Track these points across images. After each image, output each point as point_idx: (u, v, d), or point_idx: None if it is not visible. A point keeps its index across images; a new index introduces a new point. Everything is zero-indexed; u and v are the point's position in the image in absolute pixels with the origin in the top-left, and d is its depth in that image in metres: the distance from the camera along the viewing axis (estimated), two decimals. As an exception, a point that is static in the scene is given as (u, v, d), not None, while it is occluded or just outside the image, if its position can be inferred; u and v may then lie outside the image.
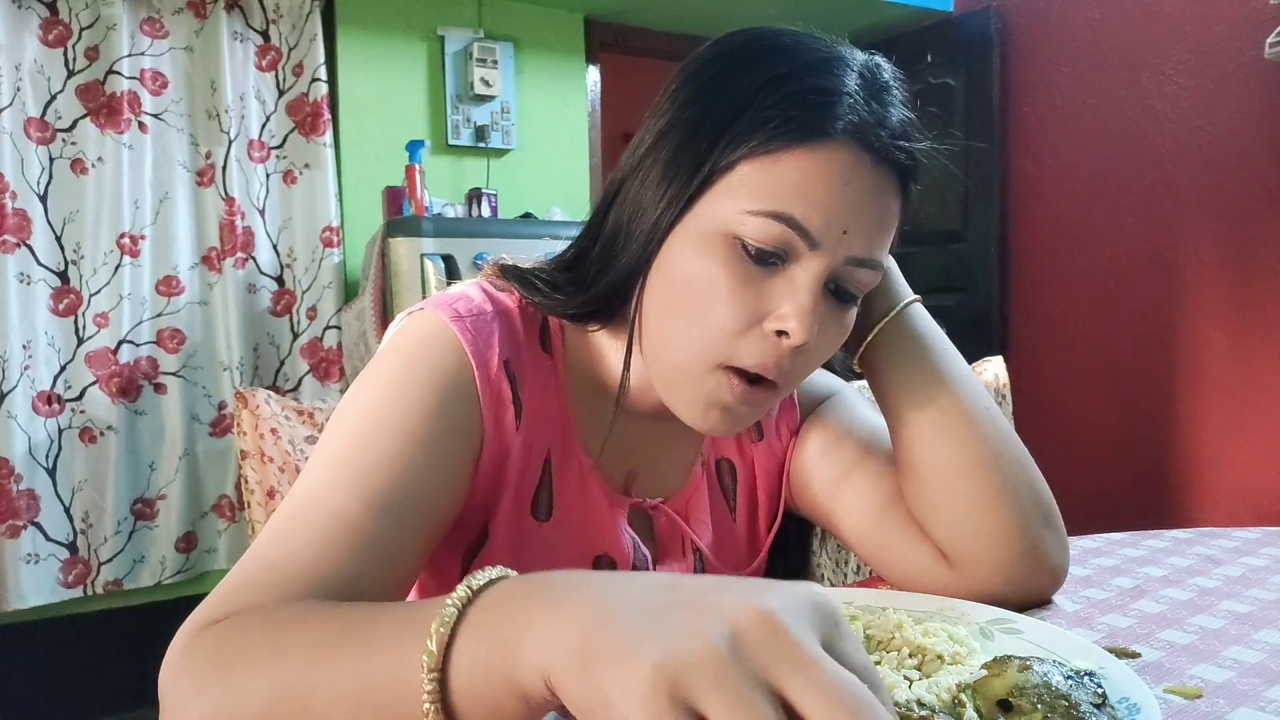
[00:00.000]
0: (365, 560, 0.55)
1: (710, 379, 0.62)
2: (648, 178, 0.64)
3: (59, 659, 2.64)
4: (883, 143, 0.61)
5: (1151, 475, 2.99)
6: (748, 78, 0.61)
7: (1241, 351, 2.76)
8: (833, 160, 0.59)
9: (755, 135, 0.59)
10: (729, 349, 0.61)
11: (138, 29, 2.69)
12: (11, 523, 2.50)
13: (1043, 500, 0.73)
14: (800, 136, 0.59)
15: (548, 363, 0.70)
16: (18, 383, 2.52)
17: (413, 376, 0.62)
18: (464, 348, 0.64)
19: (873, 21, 3.61)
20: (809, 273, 0.60)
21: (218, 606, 0.51)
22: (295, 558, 0.53)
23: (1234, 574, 0.78)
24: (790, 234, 0.59)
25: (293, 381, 2.93)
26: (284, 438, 1.05)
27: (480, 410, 0.64)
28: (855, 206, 0.60)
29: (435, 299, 0.68)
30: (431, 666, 0.38)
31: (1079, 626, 0.66)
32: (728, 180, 0.60)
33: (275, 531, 0.56)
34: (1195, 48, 2.81)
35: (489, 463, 0.66)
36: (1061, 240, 3.22)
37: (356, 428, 0.60)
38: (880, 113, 0.61)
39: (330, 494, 0.57)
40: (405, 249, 2.61)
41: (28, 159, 2.55)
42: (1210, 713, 0.52)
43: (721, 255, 0.60)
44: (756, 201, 0.59)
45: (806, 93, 0.60)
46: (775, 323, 0.60)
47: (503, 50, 3.20)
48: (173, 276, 2.76)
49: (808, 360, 0.64)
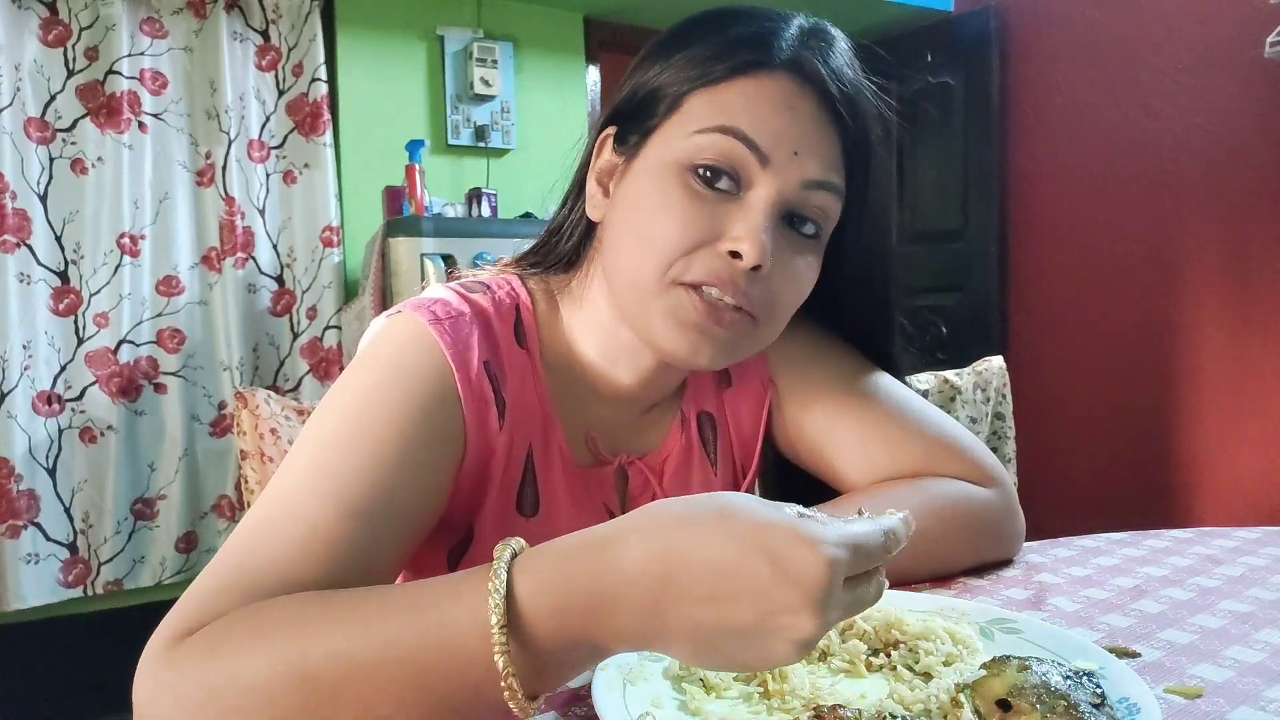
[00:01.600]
0: (340, 569, 0.53)
1: (668, 295, 0.64)
2: (609, 129, 0.70)
3: (59, 659, 2.64)
4: (821, 78, 0.64)
5: (1151, 474, 2.99)
6: (696, 32, 0.67)
7: (1240, 350, 2.76)
8: (775, 86, 0.63)
9: (699, 70, 0.64)
10: (682, 266, 0.63)
11: (137, 29, 2.69)
12: (11, 523, 2.50)
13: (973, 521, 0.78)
14: (742, 67, 0.63)
15: (524, 357, 0.71)
16: (18, 383, 2.52)
17: (393, 381, 0.62)
18: (444, 351, 0.64)
19: (873, 21, 3.61)
20: (762, 195, 0.63)
21: (191, 615, 0.49)
22: (270, 566, 0.52)
23: (1234, 573, 0.78)
24: (739, 147, 0.62)
25: (293, 381, 2.93)
26: (284, 438, 1.05)
27: (463, 414, 0.64)
28: (804, 129, 0.63)
29: (412, 302, 0.68)
30: (500, 620, 0.42)
31: (1079, 626, 0.66)
32: (678, 115, 0.64)
33: (248, 537, 0.54)
34: (1195, 47, 2.81)
35: (473, 464, 0.66)
36: (1061, 239, 3.22)
37: (334, 432, 0.59)
38: (821, 50, 0.65)
39: (306, 500, 0.55)
40: (405, 249, 2.61)
41: (28, 159, 2.55)
42: (1210, 712, 0.52)
43: (675, 180, 0.63)
44: (704, 121, 0.63)
45: (748, 33, 0.65)
46: (728, 244, 0.62)
47: (502, 50, 3.20)
48: (173, 276, 2.76)
49: (773, 290, 0.65)
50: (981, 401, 1.39)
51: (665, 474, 0.78)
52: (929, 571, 0.75)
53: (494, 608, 0.43)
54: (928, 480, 0.76)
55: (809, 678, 0.54)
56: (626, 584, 0.43)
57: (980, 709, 0.48)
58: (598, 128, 0.72)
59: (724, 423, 0.82)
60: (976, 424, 1.38)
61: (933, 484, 0.76)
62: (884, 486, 0.76)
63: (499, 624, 0.43)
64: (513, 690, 0.43)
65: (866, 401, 0.78)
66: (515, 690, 0.43)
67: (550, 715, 0.54)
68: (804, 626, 0.41)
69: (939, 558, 0.75)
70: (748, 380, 0.82)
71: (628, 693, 0.51)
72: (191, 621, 0.49)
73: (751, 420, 0.82)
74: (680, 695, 0.53)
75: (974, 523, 0.77)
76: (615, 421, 0.76)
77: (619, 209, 0.68)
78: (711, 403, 0.82)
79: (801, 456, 0.81)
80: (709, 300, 0.63)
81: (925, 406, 0.81)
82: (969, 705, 0.48)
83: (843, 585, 0.42)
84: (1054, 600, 0.72)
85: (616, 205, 0.68)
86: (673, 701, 0.52)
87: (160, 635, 0.49)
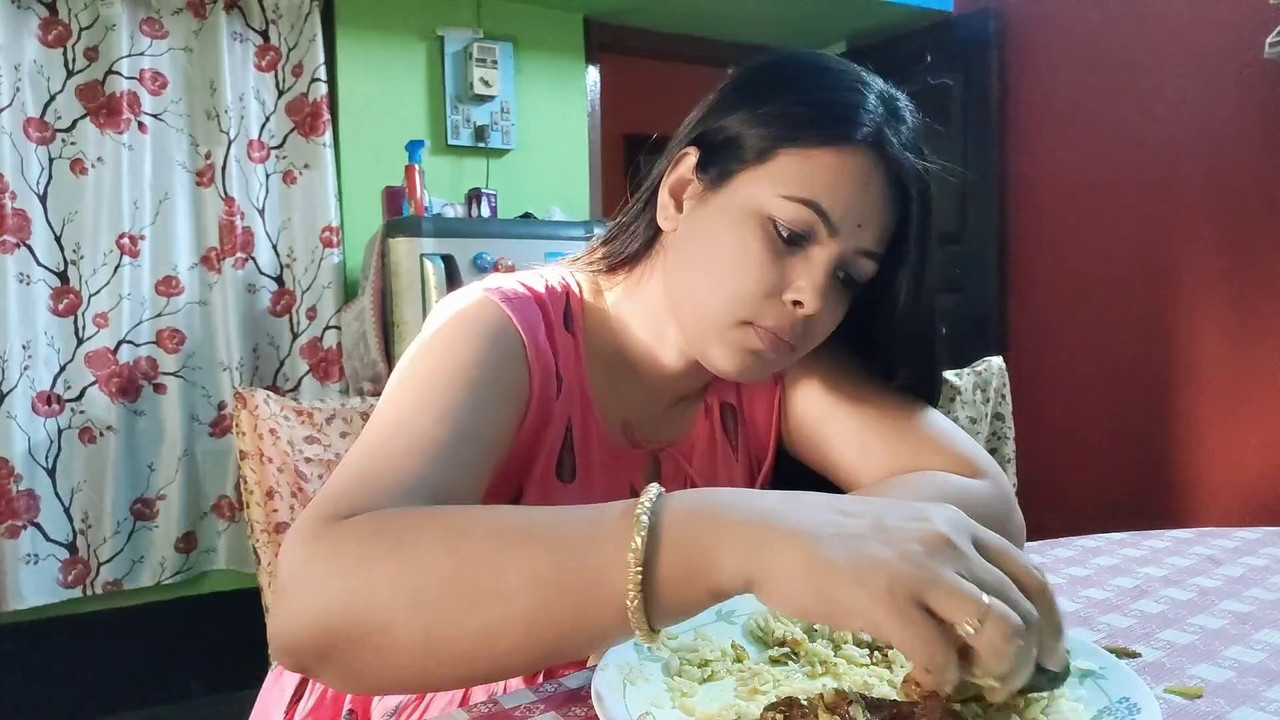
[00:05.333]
0: (450, 478, 0.60)
1: (736, 331, 0.72)
2: (693, 154, 0.76)
3: (59, 659, 2.64)
4: (896, 154, 0.71)
5: (1150, 475, 2.99)
6: (789, 84, 0.74)
7: (1239, 351, 2.76)
8: (857, 164, 0.70)
9: (790, 130, 0.71)
10: (753, 310, 0.71)
11: (137, 29, 2.69)
12: (11, 523, 2.50)
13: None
14: (830, 138, 0.70)
15: (570, 341, 0.79)
16: (17, 383, 2.51)
17: (477, 335, 0.70)
18: (515, 324, 0.72)
19: (872, 21, 3.61)
20: (825, 256, 0.71)
21: (333, 504, 0.55)
22: (396, 470, 0.59)
23: (1234, 574, 0.78)
24: (816, 219, 0.70)
25: (292, 382, 2.93)
26: (283, 438, 1.05)
27: (530, 377, 0.72)
28: (872, 205, 0.71)
29: (476, 285, 0.76)
30: (637, 562, 0.46)
31: (1079, 626, 0.66)
32: (766, 167, 0.71)
33: (377, 446, 0.61)
34: (1194, 48, 2.81)
35: (532, 425, 0.73)
36: (1060, 240, 3.22)
37: (432, 370, 0.67)
38: (896, 128, 0.72)
39: (419, 418, 0.63)
40: (405, 249, 2.61)
41: (27, 159, 2.55)
42: (1210, 713, 0.52)
43: (756, 231, 0.71)
44: (791, 189, 0.70)
45: (836, 102, 0.71)
46: (793, 294, 0.71)
47: (502, 50, 3.20)
48: (172, 277, 2.75)
49: (814, 330, 0.74)
50: (981, 402, 1.40)
51: (694, 460, 0.85)
52: None
53: (635, 548, 0.46)
54: (916, 474, 0.77)
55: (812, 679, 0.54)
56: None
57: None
58: (678, 143, 0.78)
59: (743, 414, 0.88)
60: (976, 424, 1.38)
61: (920, 476, 0.77)
62: (876, 485, 0.77)
63: (636, 559, 0.46)
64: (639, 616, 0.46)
65: (865, 398, 0.81)
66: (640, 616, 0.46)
67: (550, 715, 0.54)
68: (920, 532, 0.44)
69: None
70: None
71: (628, 693, 0.52)
72: (337, 508, 0.54)
73: (765, 413, 0.88)
74: (677, 690, 0.53)
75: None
76: (646, 410, 0.83)
77: (696, 234, 0.75)
78: (732, 394, 0.88)
79: (802, 451, 0.86)
80: (772, 335, 0.72)
81: (920, 405, 0.83)
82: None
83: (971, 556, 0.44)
84: (1054, 600, 0.72)
85: (693, 228, 0.75)
86: (673, 702, 0.53)
87: (309, 518, 0.54)
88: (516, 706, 0.56)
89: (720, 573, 0.46)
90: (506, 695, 0.58)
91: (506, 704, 0.56)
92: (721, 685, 0.55)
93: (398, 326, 2.63)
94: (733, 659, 0.58)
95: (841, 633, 0.60)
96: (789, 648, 0.60)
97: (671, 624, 0.48)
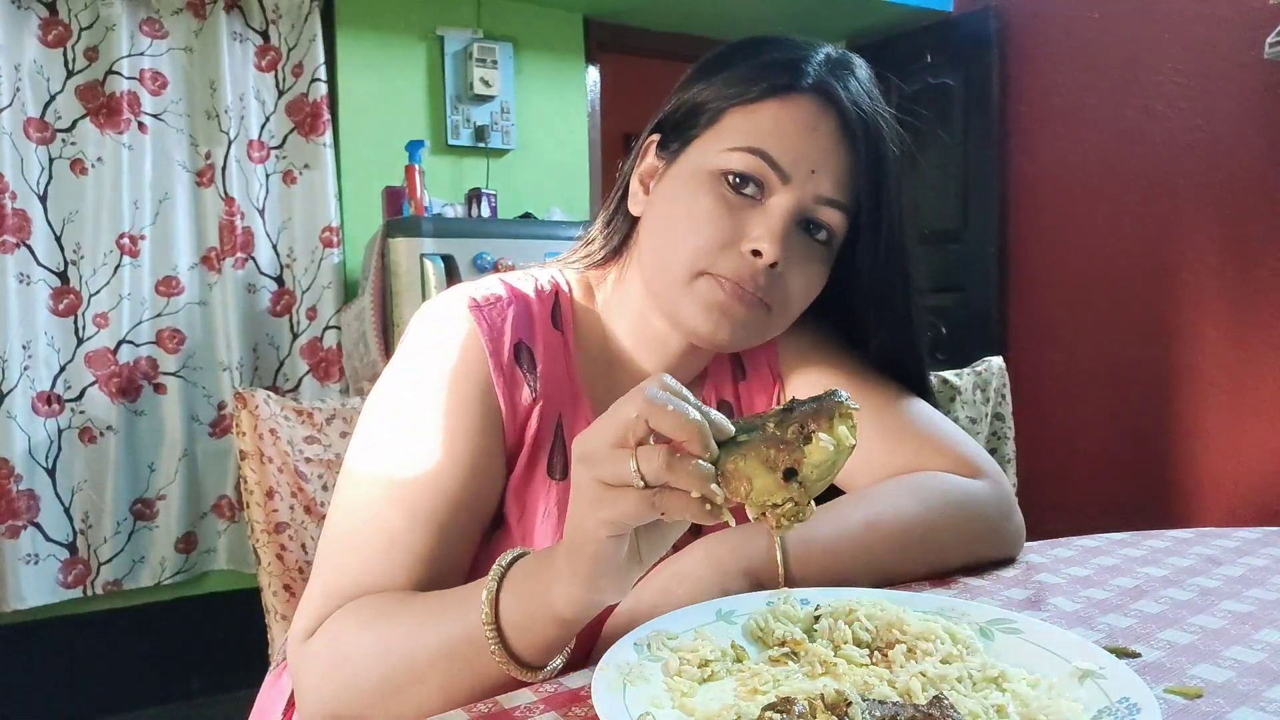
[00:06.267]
0: (419, 571, 0.67)
1: (698, 284, 0.73)
2: (654, 136, 0.79)
3: (59, 659, 2.64)
4: (844, 101, 0.72)
5: (1151, 475, 2.99)
6: (737, 55, 0.77)
7: (1240, 350, 2.76)
8: (801, 108, 0.72)
9: (737, 89, 0.73)
10: (709, 260, 0.72)
11: (137, 29, 2.69)
12: (11, 523, 2.50)
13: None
14: (774, 90, 0.72)
15: (558, 338, 0.79)
16: (17, 383, 2.51)
17: (440, 379, 0.72)
18: (480, 336, 0.73)
19: (872, 21, 3.61)
20: (780, 204, 0.72)
21: (309, 618, 0.66)
22: (361, 576, 0.66)
23: (1234, 574, 0.78)
24: (763, 165, 0.71)
25: (292, 382, 2.93)
26: (283, 438, 1.05)
27: (498, 399, 0.73)
28: (823, 150, 0.72)
29: (459, 287, 0.78)
30: (489, 619, 0.57)
31: (1079, 626, 0.66)
32: (715, 129, 0.74)
33: (340, 548, 0.68)
34: (1194, 47, 2.81)
35: (511, 435, 0.75)
36: (1060, 240, 3.22)
37: (398, 440, 0.70)
38: (844, 78, 0.74)
39: (383, 510, 0.68)
40: (405, 249, 2.61)
41: (27, 159, 2.55)
42: (1210, 713, 0.52)
43: (706, 186, 0.73)
44: (737, 140, 0.72)
45: (780, 59, 0.74)
46: (750, 243, 0.71)
47: (502, 50, 3.20)
48: (172, 277, 2.75)
49: (787, 285, 0.74)
50: (981, 402, 1.40)
51: None
52: (924, 567, 0.75)
53: (484, 614, 0.58)
54: (916, 475, 0.77)
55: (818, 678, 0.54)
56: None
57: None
58: (644, 133, 0.81)
59: (739, 411, 0.87)
60: (976, 424, 1.38)
61: (921, 477, 0.77)
62: (876, 487, 0.77)
63: (488, 622, 0.57)
64: (508, 663, 0.58)
65: (864, 397, 0.80)
66: (510, 664, 0.58)
67: (550, 715, 0.54)
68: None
69: (933, 552, 0.75)
70: (759, 373, 0.87)
71: (627, 693, 0.52)
72: (310, 623, 0.66)
73: (763, 410, 0.86)
74: (676, 690, 0.53)
75: (964, 514, 0.77)
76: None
77: (656, 206, 0.77)
78: (729, 392, 0.87)
79: None
80: (733, 284, 0.72)
81: (919, 404, 0.83)
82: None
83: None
84: (1054, 600, 0.72)
85: (654, 203, 0.78)
86: (672, 702, 0.53)
87: (293, 637, 0.67)
88: (516, 707, 0.56)
89: (553, 605, 0.55)
90: (507, 695, 0.58)
91: (506, 704, 0.56)
92: (721, 685, 0.55)
93: (398, 326, 2.63)
94: (732, 659, 0.58)
95: (841, 633, 0.60)
96: (789, 648, 0.60)
97: (549, 659, 0.59)
